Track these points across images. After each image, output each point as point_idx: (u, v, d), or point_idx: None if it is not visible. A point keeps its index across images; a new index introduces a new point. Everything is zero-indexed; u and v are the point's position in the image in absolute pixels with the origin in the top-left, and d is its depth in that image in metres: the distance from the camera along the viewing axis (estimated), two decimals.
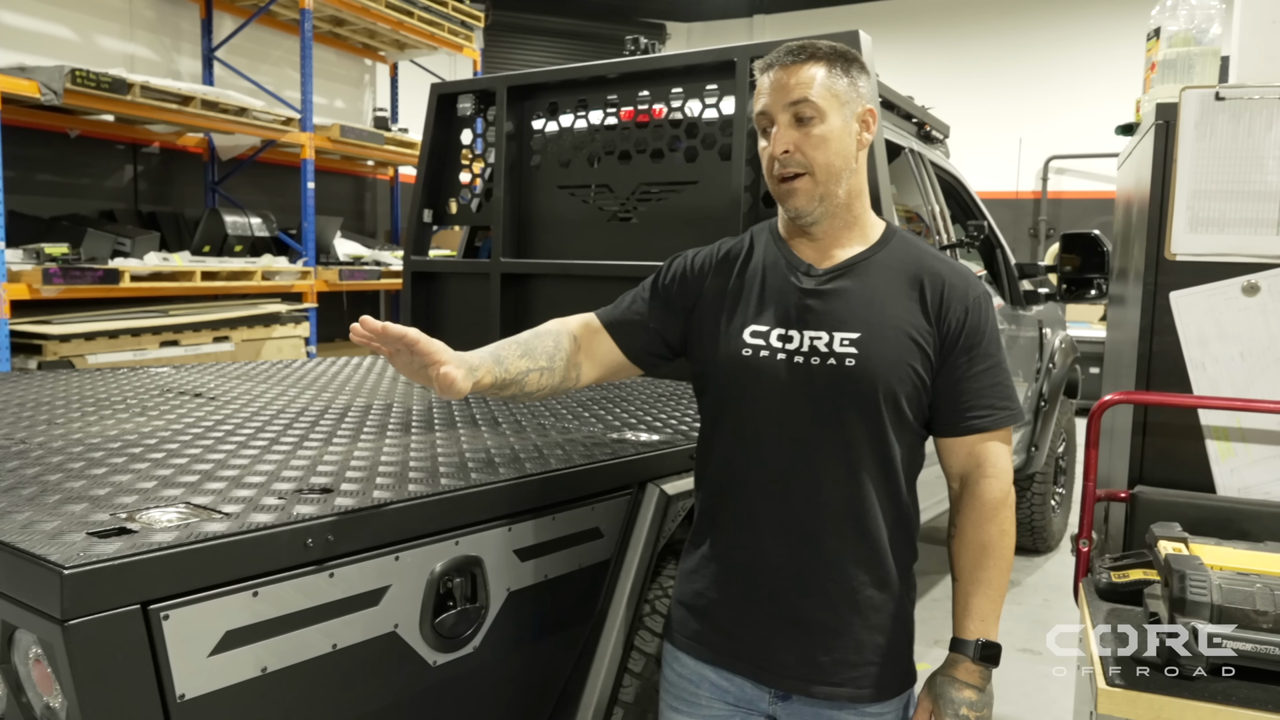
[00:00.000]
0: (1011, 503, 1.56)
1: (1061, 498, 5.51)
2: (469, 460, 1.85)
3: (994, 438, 1.55)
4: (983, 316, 1.55)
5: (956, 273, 1.58)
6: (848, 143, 1.55)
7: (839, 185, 1.55)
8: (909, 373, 1.51)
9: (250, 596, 1.29)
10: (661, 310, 1.71)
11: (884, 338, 1.51)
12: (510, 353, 1.59)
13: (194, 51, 7.98)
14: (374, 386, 2.97)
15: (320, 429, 2.15)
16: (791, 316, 1.57)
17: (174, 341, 6.37)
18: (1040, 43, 12.05)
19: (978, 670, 1.52)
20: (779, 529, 1.55)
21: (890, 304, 1.54)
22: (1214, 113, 2.08)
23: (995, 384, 1.54)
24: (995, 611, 1.53)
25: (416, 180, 4.16)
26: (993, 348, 1.56)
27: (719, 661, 1.61)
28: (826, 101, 1.52)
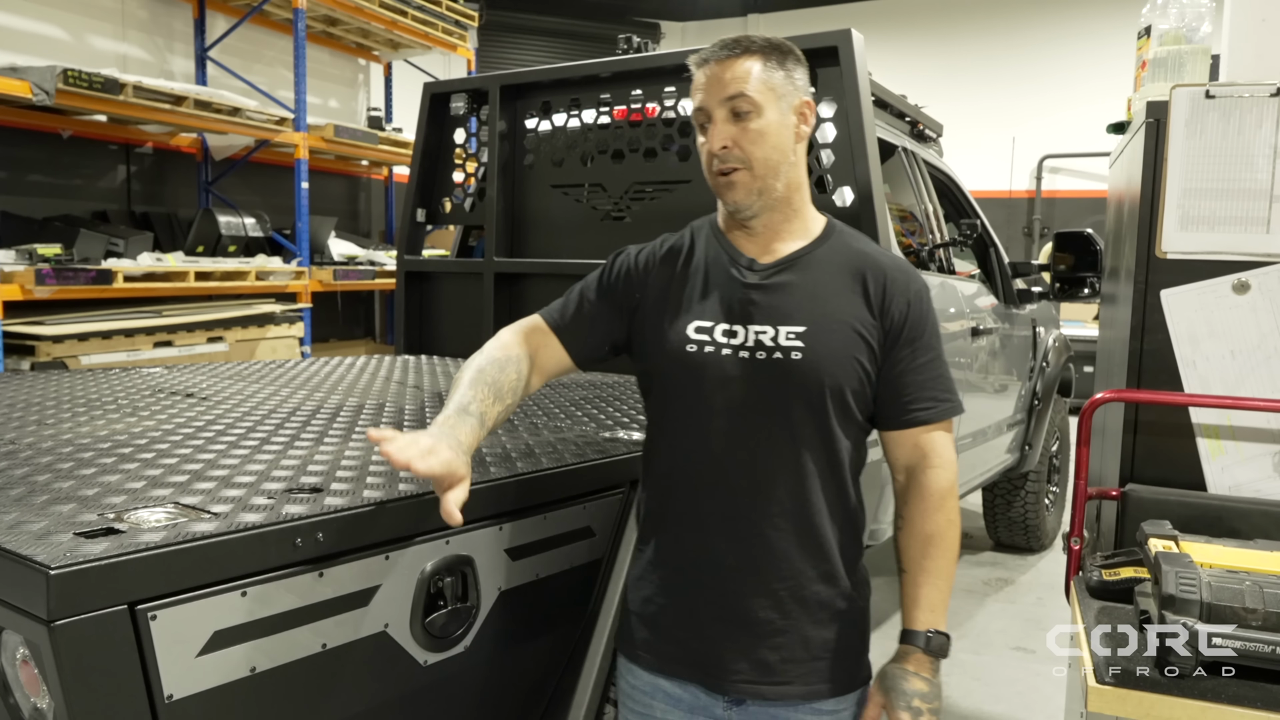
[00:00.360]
0: (956, 493, 1.57)
1: (1055, 496, 5.52)
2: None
3: (938, 429, 1.57)
4: (924, 309, 1.58)
5: (898, 267, 1.60)
6: (785, 136, 1.55)
7: (777, 179, 1.55)
8: (855, 366, 1.53)
9: (239, 596, 1.29)
10: (608, 309, 1.69)
11: (829, 331, 1.53)
12: (488, 405, 1.56)
13: (187, 51, 7.96)
14: (366, 386, 2.96)
15: (312, 429, 2.15)
16: (735, 311, 1.57)
17: (168, 342, 6.36)
18: (1033, 42, 12.07)
19: (928, 661, 1.52)
20: (726, 526, 1.55)
21: (834, 298, 1.55)
22: (1204, 111, 2.09)
23: (937, 376, 1.57)
24: (944, 602, 1.54)
25: (409, 180, 4.15)
26: (934, 340, 1.59)
27: (669, 670, 1.60)
28: (763, 96, 1.52)
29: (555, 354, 1.70)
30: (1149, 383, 2.24)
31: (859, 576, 1.62)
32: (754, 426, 1.53)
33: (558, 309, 1.73)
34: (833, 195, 3.20)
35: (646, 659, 1.62)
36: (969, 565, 5.16)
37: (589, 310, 1.71)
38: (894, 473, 1.62)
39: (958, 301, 3.86)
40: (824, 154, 3.22)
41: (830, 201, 3.19)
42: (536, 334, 1.71)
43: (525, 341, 1.68)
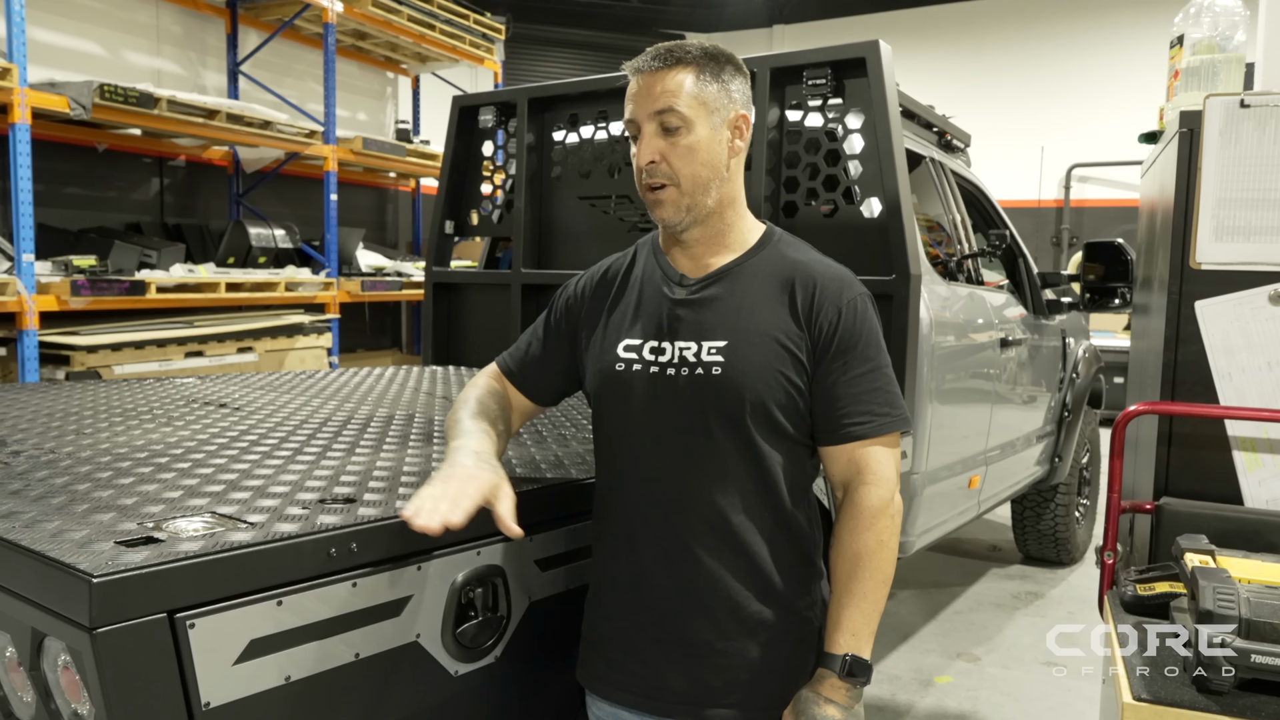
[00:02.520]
0: (894, 512, 1.49)
1: (1086, 509, 5.46)
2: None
3: (875, 444, 1.49)
4: (858, 318, 1.51)
5: (831, 275, 1.54)
6: (716, 152, 1.51)
7: (707, 195, 1.52)
8: (779, 379, 1.48)
9: (274, 606, 1.30)
10: (556, 345, 1.71)
11: (750, 344, 1.49)
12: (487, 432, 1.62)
13: (219, 66, 8.08)
14: (395, 397, 2.99)
15: (343, 439, 2.17)
16: (664, 328, 1.55)
17: (199, 352, 6.44)
18: (1062, 50, 11.99)
19: (843, 687, 1.45)
20: (657, 547, 1.53)
21: (759, 310, 1.51)
22: (1239, 120, 2.07)
23: (875, 389, 1.49)
24: (869, 627, 1.46)
25: (438, 192, 4.19)
26: (871, 351, 1.51)
27: (613, 696, 1.59)
28: (693, 110, 1.48)
29: (517, 398, 1.75)
30: (1183, 394, 2.21)
31: (811, 595, 1.57)
32: (679, 444, 1.51)
33: (510, 356, 1.77)
34: (860, 206, 3.19)
35: (594, 684, 1.62)
36: (998, 578, 5.11)
37: (538, 351, 1.73)
38: (832, 489, 1.57)
39: (986, 312, 3.83)
40: (852, 165, 3.21)
41: (858, 213, 3.19)
42: (498, 379, 1.76)
43: (494, 387, 1.75)
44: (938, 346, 3.19)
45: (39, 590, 1.23)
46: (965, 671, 3.91)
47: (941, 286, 3.43)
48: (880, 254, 3.08)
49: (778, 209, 3.34)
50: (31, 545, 1.25)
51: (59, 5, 6.76)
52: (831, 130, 3.26)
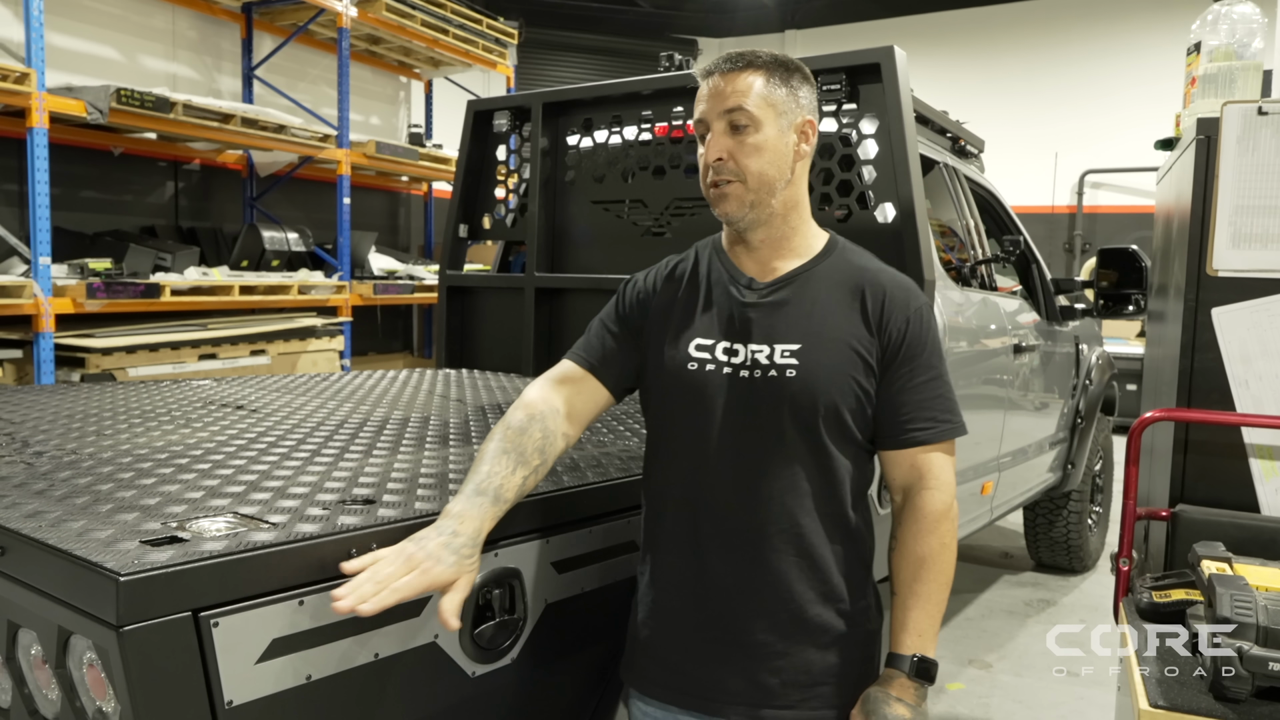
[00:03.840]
0: (954, 516, 1.53)
1: (1099, 516, 5.44)
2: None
3: (936, 450, 1.54)
4: (924, 327, 1.55)
5: (898, 284, 1.58)
6: (783, 153, 1.54)
7: (772, 195, 1.55)
8: (851, 384, 1.51)
9: (296, 605, 1.31)
10: (628, 337, 1.70)
11: (824, 349, 1.52)
12: (507, 476, 1.54)
13: (234, 70, 8.13)
14: (410, 400, 3.00)
15: (360, 441, 2.18)
16: (735, 329, 1.57)
17: (212, 355, 6.48)
18: (1076, 56, 11.96)
19: (913, 687, 1.47)
20: (721, 546, 1.54)
21: (831, 315, 1.54)
22: (1256, 128, 2.07)
23: (937, 396, 1.54)
24: (933, 628, 1.50)
25: (452, 195, 4.21)
26: (934, 359, 1.55)
27: (665, 697, 1.59)
28: (762, 111, 1.52)
29: (592, 394, 1.70)
30: (1199, 402, 2.21)
31: (867, 600, 1.58)
32: (750, 445, 1.53)
33: (584, 349, 1.73)
34: (874, 211, 3.20)
35: (643, 685, 1.63)
36: (1010, 585, 5.10)
37: (613, 341, 1.71)
38: (891, 493, 1.60)
39: (999, 318, 3.83)
40: (866, 170, 3.22)
41: (872, 218, 3.19)
42: (568, 381, 1.70)
43: (555, 393, 1.68)
44: (950, 352, 3.19)
45: (66, 589, 1.24)
46: (977, 679, 3.90)
47: (955, 292, 3.43)
48: (894, 259, 3.07)
49: None
50: (58, 544, 1.27)
51: (76, 10, 6.82)
52: (846, 135, 3.26)
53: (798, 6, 13.59)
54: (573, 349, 1.75)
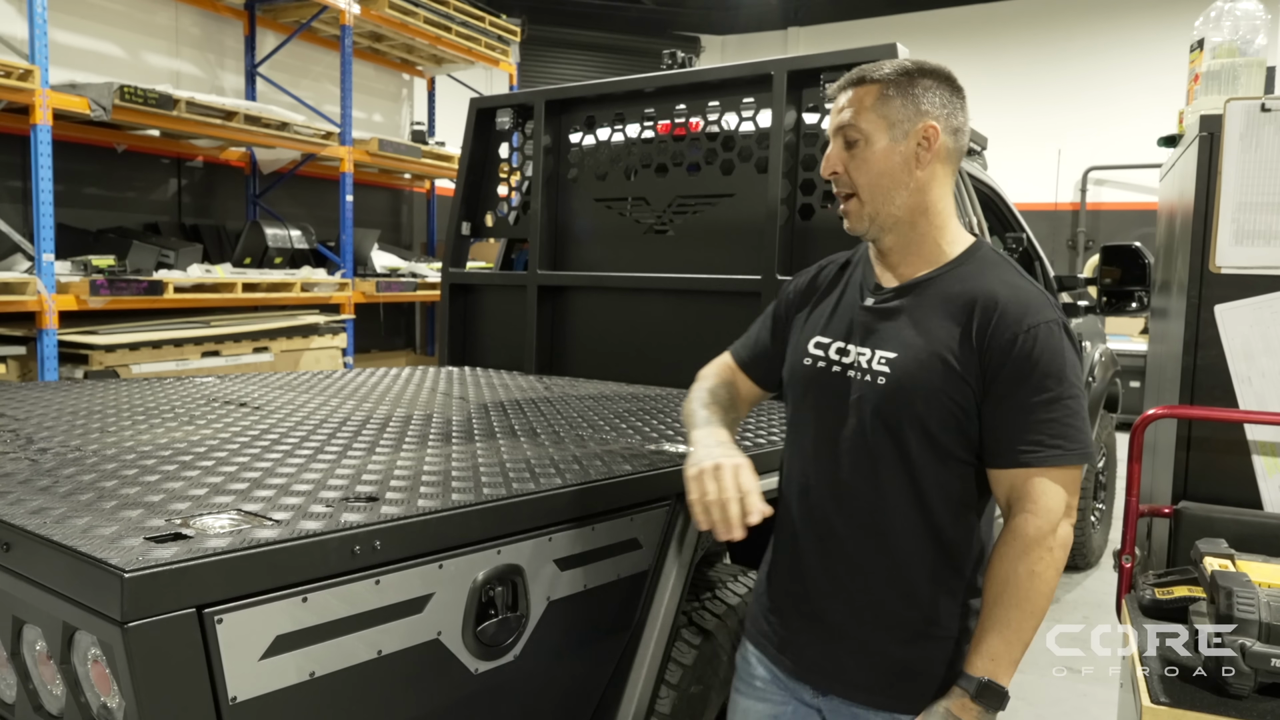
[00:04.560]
0: (1053, 545, 1.44)
1: (1101, 513, 5.44)
2: (510, 470, 1.87)
3: (1041, 474, 1.45)
4: (1039, 346, 1.46)
5: (1017, 300, 1.50)
6: (894, 162, 1.55)
7: (890, 203, 1.56)
8: (942, 398, 1.50)
9: (300, 602, 1.32)
10: (779, 334, 1.82)
11: (917, 360, 1.52)
12: (725, 414, 1.76)
13: (237, 68, 8.14)
14: (413, 397, 3.01)
15: (363, 438, 2.19)
16: (852, 332, 1.63)
17: (215, 352, 6.49)
18: (1078, 53, 11.93)
19: (974, 709, 1.45)
20: (813, 529, 1.63)
21: (934, 327, 1.53)
22: (1259, 124, 2.06)
23: (1049, 419, 1.45)
24: (1010, 655, 1.44)
25: (455, 193, 4.21)
26: (1051, 382, 1.46)
27: (767, 652, 1.72)
28: (871, 124, 1.55)
29: (744, 386, 1.87)
30: (1202, 399, 2.21)
31: (960, 608, 1.57)
32: (845, 443, 1.58)
33: (740, 344, 1.90)
34: None
35: (754, 637, 1.76)
36: None
37: (766, 340, 1.85)
38: (1001, 511, 1.56)
39: None
40: None
41: None
42: (727, 369, 1.89)
43: (722, 373, 1.89)
44: None
45: (71, 585, 1.24)
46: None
47: None
48: None
49: (794, 211, 3.35)
50: (63, 540, 1.27)
51: (80, 7, 6.82)
52: None
53: (801, 3, 13.57)
54: (736, 342, 1.91)
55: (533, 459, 2.01)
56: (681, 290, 3.60)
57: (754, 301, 3.36)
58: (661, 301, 3.67)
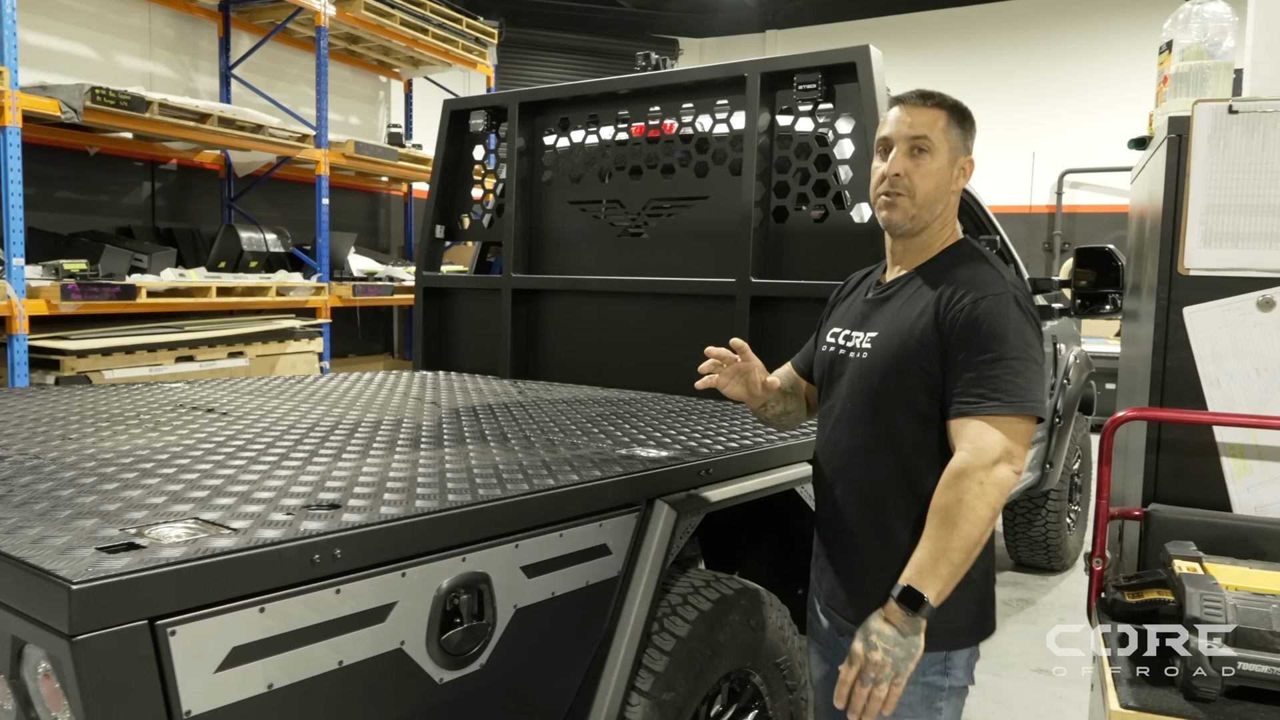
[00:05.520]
0: (983, 480, 1.61)
1: (1077, 515, 5.46)
2: (477, 476, 1.85)
3: (979, 420, 1.65)
4: (986, 313, 1.69)
5: (974, 281, 1.75)
6: (946, 180, 1.82)
7: (932, 211, 1.83)
8: (909, 364, 1.75)
9: (257, 613, 1.29)
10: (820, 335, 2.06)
11: (891, 338, 1.80)
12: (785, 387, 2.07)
13: (211, 70, 8.07)
14: (384, 402, 2.98)
15: (330, 444, 2.16)
16: (856, 320, 1.92)
17: (189, 357, 6.41)
18: (1053, 56, 12.02)
19: (900, 612, 1.64)
20: (829, 486, 1.92)
21: (911, 309, 1.79)
22: (1227, 126, 2.07)
23: (993, 376, 1.66)
24: (936, 570, 1.61)
25: (428, 196, 4.18)
26: (994, 343, 1.67)
27: (818, 598, 1.98)
28: (940, 143, 1.80)
29: (805, 389, 2.12)
30: (1172, 401, 2.22)
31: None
32: (843, 408, 1.88)
33: (800, 353, 2.16)
34: (850, 212, 3.19)
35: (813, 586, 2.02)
36: None
37: (811, 345, 2.11)
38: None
39: None
40: (842, 170, 3.22)
41: (848, 218, 3.19)
42: (790, 376, 2.14)
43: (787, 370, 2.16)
44: None
45: (19, 597, 1.21)
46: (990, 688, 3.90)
47: None
48: (869, 259, 3.07)
49: (768, 214, 3.35)
50: (12, 552, 1.24)
51: (50, 8, 6.74)
52: (822, 135, 3.26)
53: (779, 7, 13.61)
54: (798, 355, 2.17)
55: (501, 464, 1.98)
56: (656, 293, 3.58)
57: (728, 305, 3.35)
58: (636, 305, 3.65)
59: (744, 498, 2.28)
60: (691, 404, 3.16)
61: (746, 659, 2.27)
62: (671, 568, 2.28)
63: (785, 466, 2.47)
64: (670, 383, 3.52)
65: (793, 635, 2.48)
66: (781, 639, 2.39)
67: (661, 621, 2.07)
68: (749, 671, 2.31)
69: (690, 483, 2.11)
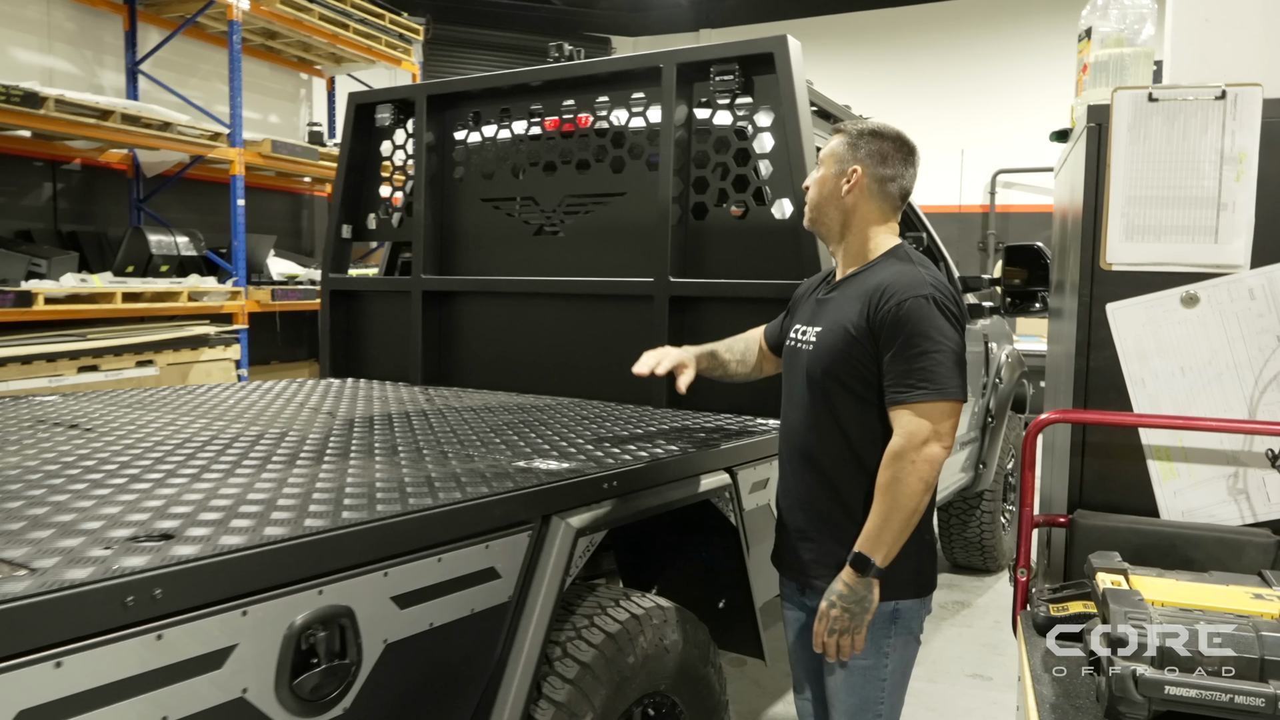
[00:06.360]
0: (915, 459, 1.85)
1: (1011, 515, 5.43)
2: (348, 496, 1.67)
3: (910, 408, 1.87)
4: (909, 313, 1.89)
5: (900, 283, 1.94)
6: (833, 189, 2.07)
7: (825, 216, 2.10)
8: (846, 356, 1.98)
9: (51, 669, 1.10)
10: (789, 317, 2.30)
11: (831, 331, 2.02)
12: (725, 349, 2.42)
13: (117, 65, 7.69)
14: (276, 413, 2.77)
15: (195, 463, 1.96)
16: (809, 317, 2.14)
17: (93, 367, 6.07)
18: (981, 56, 12.14)
19: (854, 574, 1.90)
20: (785, 463, 2.18)
21: (848, 308, 2.01)
22: (1148, 115, 1.98)
23: (917, 368, 1.87)
24: (880, 538, 1.87)
25: (333, 194, 3.97)
26: (918, 339, 1.88)
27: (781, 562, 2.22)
28: (828, 157, 2.10)
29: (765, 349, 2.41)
30: (1097, 402, 2.12)
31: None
32: (794, 394, 2.13)
33: (769, 325, 2.43)
34: (772, 208, 3.07)
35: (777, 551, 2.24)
36: None
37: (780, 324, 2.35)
38: None
39: None
40: (762, 165, 3.09)
41: (769, 214, 3.06)
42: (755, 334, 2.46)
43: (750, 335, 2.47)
44: None
45: None
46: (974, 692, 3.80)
47: None
48: (791, 257, 2.96)
49: (686, 210, 3.21)
50: None
51: None
52: (741, 129, 3.14)
53: (712, 6, 13.55)
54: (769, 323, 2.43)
55: (380, 482, 1.80)
56: (573, 294, 3.42)
57: (646, 305, 3.21)
58: (552, 306, 3.49)
59: (651, 512, 2.13)
60: (608, 410, 3.00)
61: (661, 681, 2.13)
62: (578, 587, 2.13)
63: (699, 476, 2.33)
64: (588, 387, 3.36)
65: (714, 653, 2.34)
66: (700, 658, 2.25)
67: (564, 646, 1.92)
68: (666, 694, 2.17)
69: (592, 497, 1.96)
